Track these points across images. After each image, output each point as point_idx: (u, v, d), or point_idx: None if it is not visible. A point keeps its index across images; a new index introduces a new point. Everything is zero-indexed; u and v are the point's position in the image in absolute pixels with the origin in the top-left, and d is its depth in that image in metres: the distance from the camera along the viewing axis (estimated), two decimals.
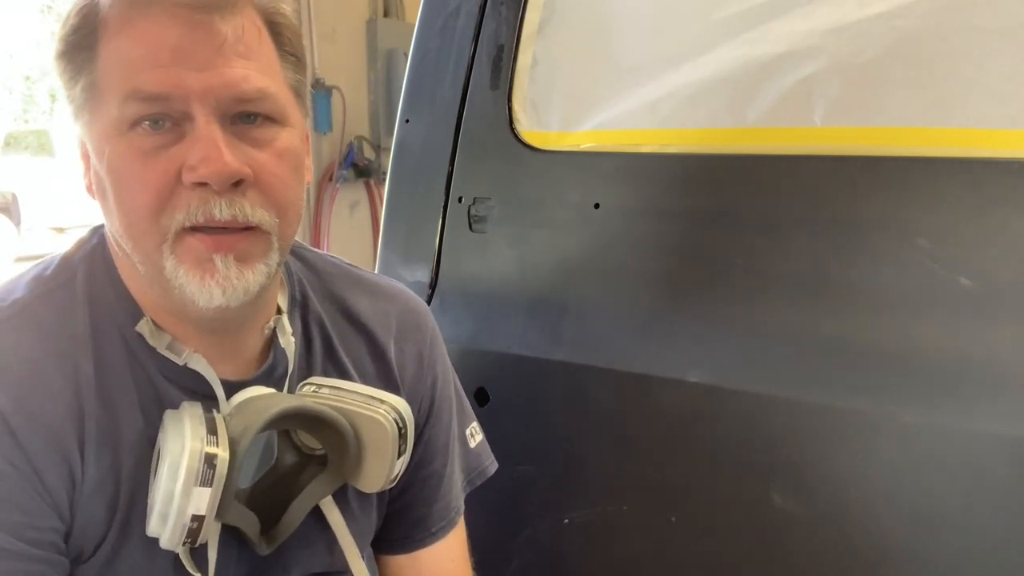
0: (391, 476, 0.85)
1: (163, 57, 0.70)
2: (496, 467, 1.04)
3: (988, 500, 0.90)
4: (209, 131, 0.70)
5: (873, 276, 0.98)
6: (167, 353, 0.78)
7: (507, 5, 1.26)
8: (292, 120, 0.77)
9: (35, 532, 0.71)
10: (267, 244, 0.75)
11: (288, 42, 0.78)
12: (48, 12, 3.57)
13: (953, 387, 0.92)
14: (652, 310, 1.12)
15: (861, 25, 1.00)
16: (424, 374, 0.96)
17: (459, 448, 1.00)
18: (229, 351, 0.82)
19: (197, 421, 0.74)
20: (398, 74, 3.59)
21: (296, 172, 0.78)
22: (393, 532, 0.97)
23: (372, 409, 0.83)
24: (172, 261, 0.72)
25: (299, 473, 0.85)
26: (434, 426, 0.97)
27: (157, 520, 0.73)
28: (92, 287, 0.79)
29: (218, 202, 0.71)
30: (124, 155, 0.71)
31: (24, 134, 4.37)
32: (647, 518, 1.10)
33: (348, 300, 0.93)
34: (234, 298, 0.73)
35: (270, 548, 0.82)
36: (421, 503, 0.96)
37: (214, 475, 0.72)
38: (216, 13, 0.71)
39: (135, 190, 0.72)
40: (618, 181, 1.17)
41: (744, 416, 1.02)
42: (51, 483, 0.72)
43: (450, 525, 0.98)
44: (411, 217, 1.33)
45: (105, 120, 0.72)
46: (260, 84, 0.73)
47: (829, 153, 1.02)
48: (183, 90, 0.70)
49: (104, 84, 0.72)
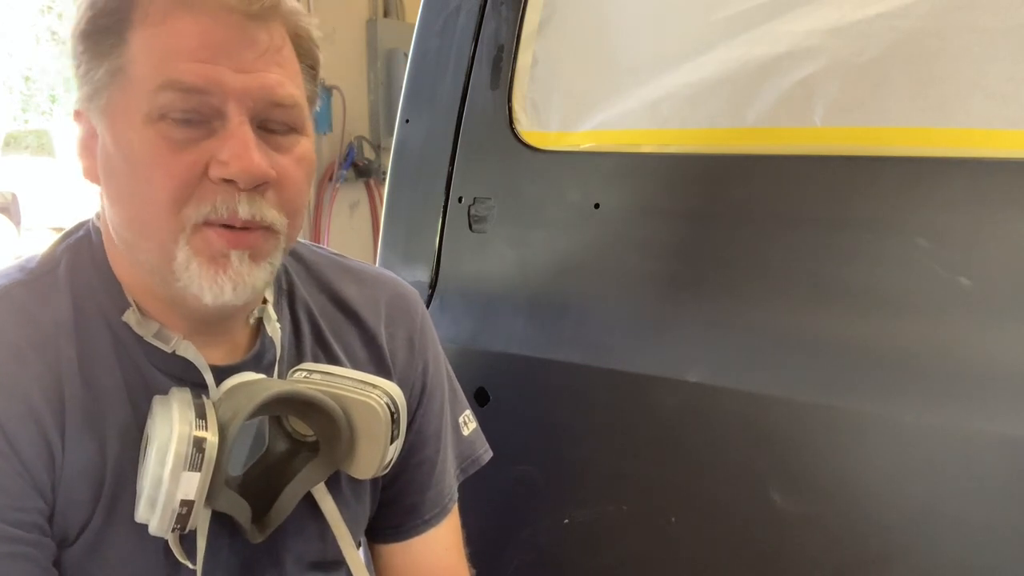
0: (384, 462, 0.84)
1: (205, 54, 0.71)
2: (491, 455, 1.03)
3: (988, 500, 0.90)
4: (243, 131, 0.72)
5: (873, 276, 0.98)
6: (155, 341, 0.79)
7: (507, 5, 1.26)
8: (308, 129, 0.80)
9: (19, 513, 0.72)
10: (275, 244, 0.77)
11: (307, 54, 0.80)
12: (48, 12, 3.57)
13: (953, 387, 0.92)
14: (652, 310, 1.12)
15: (861, 25, 1.00)
16: (415, 359, 0.96)
17: (452, 436, 1.00)
18: (217, 339, 0.83)
19: (186, 406, 0.74)
20: (398, 74, 3.59)
21: (309, 179, 0.80)
22: (386, 519, 0.97)
23: (364, 394, 0.83)
24: (186, 252, 0.73)
25: (290, 460, 0.85)
26: (426, 412, 0.96)
27: (146, 505, 0.73)
28: (76, 276, 0.80)
29: (242, 200, 0.73)
30: (151, 143, 0.72)
31: (24, 134, 4.38)
32: (647, 518, 1.10)
33: (336, 287, 0.93)
34: (242, 295, 0.74)
35: (262, 536, 0.82)
36: (414, 490, 0.96)
37: (203, 459, 0.72)
38: (261, 21, 0.73)
39: (157, 178, 0.72)
40: (618, 181, 1.17)
41: (744, 416, 1.02)
42: (31, 463, 0.72)
43: (443, 513, 0.98)
44: (411, 217, 1.33)
45: (131, 107, 0.72)
46: (292, 92, 0.76)
47: (829, 153, 1.02)
48: (222, 88, 0.71)
49: (135, 71, 0.72)
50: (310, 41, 0.80)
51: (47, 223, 3.91)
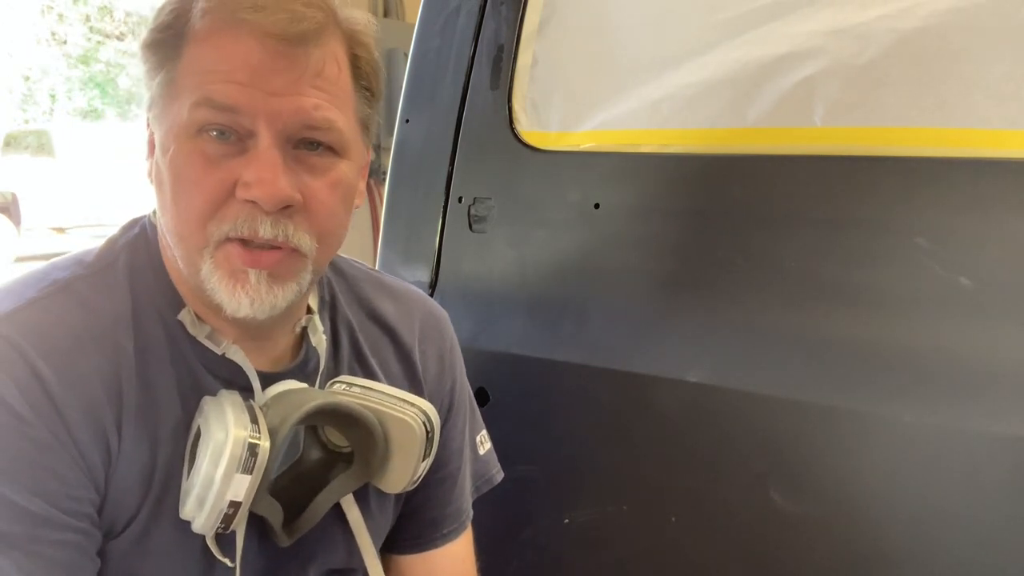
0: (414, 478, 0.86)
1: (241, 75, 0.72)
2: (502, 476, 1.05)
3: (988, 500, 0.90)
4: (270, 154, 0.73)
5: (873, 276, 0.98)
6: (207, 342, 0.80)
7: (507, 5, 1.26)
8: (353, 153, 0.80)
9: (72, 502, 0.72)
10: (302, 265, 0.77)
11: (365, 76, 0.80)
12: (48, 12, 3.57)
13: (953, 387, 0.92)
14: (652, 310, 1.12)
15: (861, 26, 1.00)
16: (445, 377, 0.98)
17: (470, 454, 1.01)
18: (261, 346, 0.84)
19: (239, 409, 0.75)
20: (398, 74, 3.58)
21: (346, 202, 0.81)
22: (406, 531, 0.98)
23: (402, 411, 0.85)
24: (209, 265, 0.75)
25: (325, 469, 0.86)
26: (451, 429, 0.98)
27: (194, 504, 0.74)
28: (134, 272, 0.81)
29: (265, 221, 0.74)
30: (188, 156, 0.74)
31: (24, 134, 4.38)
32: (647, 518, 1.10)
33: (374, 303, 0.95)
34: (261, 311, 0.75)
35: (290, 540, 0.83)
36: (435, 504, 0.98)
37: (255, 463, 0.74)
38: (301, 47, 0.73)
39: (190, 192, 0.74)
40: (618, 181, 1.17)
41: (744, 416, 1.02)
42: (88, 454, 0.73)
43: (461, 528, 1.00)
44: (411, 217, 1.33)
45: (175, 119, 0.74)
46: (329, 115, 0.75)
47: (829, 153, 1.02)
48: (252, 108, 0.72)
49: (181, 85, 0.74)
50: (370, 64, 0.80)
51: (47, 223, 3.91)
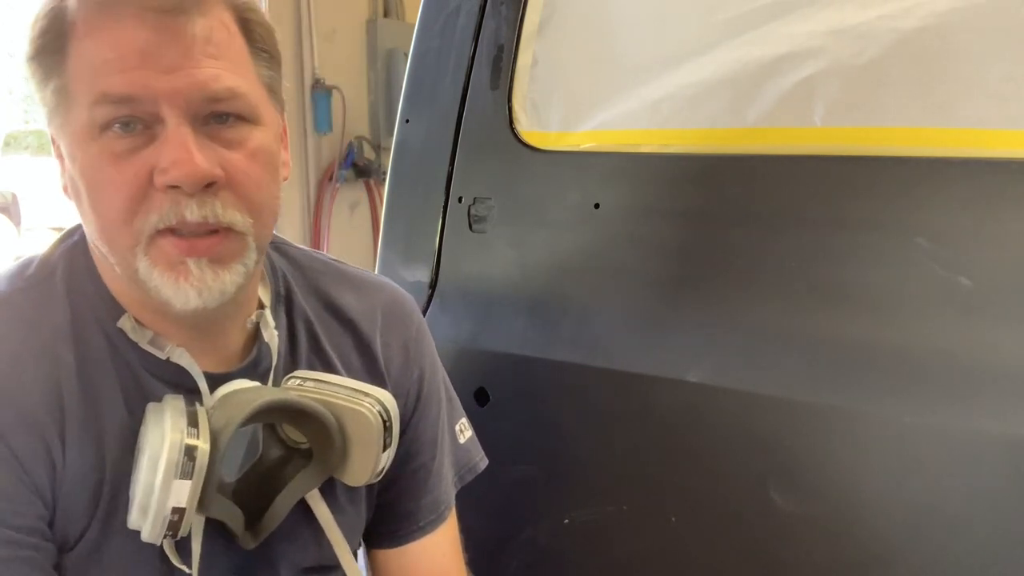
0: (377, 469, 0.85)
1: (131, 61, 0.69)
2: (486, 463, 1.04)
3: (988, 500, 0.90)
4: (179, 133, 0.70)
5: (873, 276, 0.98)
6: (149, 348, 0.78)
7: (507, 5, 1.26)
8: (265, 118, 0.77)
9: (20, 518, 0.72)
10: (242, 244, 0.75)
11: (260, 38, 0.77)
12: None
13: (953, 387, 0.92)
14: (652, 310, 1.12)
15: (861, 26, 1.00)
16: (410, 367, 0.96)
17: (449, 443, 1.00)
18: (212, 346, 0.82)
19: (178, 413, 0.74)
20: (398, 74, 3.59)
21: (270, 171, 0.77)
22: (382, 525, 0.97)
23: (356, 402, 0.83)
24: (146, 263, 0.73)
25: (284, 467, 0.85)
26: (421, 420, 0.97)
27: (138, 512, 0.73)
28: (72, 282, 0.79)
29: (189, 204, 0.71)
30: (96, 159, 0.71)
31: (24, 134, 4.38)
32: (647, 518, 1.10)
33: (333, 295, 0.93)
34: (210, 300, 0.74)
35: (255, 542, 0.82)
36: (409, 497, 0.96)
37: (194, 467, 0.72)
38: (184, 15, 0.70)
39: (108, 194, 0.72)
40: (618, 181, 1.17)
41: (744, 416, 1.02)
42: (32, 470, 0.72)
43: (439, 520, 0.98)
44: (411, 217, 1.33)
45: (76, 124, 0.72)
46: (230, 83, 0.72)
47: (829, 153, 1.02)
48: (151, 92, 0.70)
49: (74, 88, 0.72)
50: (262, 26, 0.77)
51: (47, 223, 3.91)
